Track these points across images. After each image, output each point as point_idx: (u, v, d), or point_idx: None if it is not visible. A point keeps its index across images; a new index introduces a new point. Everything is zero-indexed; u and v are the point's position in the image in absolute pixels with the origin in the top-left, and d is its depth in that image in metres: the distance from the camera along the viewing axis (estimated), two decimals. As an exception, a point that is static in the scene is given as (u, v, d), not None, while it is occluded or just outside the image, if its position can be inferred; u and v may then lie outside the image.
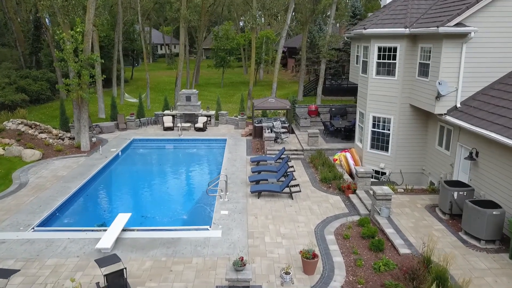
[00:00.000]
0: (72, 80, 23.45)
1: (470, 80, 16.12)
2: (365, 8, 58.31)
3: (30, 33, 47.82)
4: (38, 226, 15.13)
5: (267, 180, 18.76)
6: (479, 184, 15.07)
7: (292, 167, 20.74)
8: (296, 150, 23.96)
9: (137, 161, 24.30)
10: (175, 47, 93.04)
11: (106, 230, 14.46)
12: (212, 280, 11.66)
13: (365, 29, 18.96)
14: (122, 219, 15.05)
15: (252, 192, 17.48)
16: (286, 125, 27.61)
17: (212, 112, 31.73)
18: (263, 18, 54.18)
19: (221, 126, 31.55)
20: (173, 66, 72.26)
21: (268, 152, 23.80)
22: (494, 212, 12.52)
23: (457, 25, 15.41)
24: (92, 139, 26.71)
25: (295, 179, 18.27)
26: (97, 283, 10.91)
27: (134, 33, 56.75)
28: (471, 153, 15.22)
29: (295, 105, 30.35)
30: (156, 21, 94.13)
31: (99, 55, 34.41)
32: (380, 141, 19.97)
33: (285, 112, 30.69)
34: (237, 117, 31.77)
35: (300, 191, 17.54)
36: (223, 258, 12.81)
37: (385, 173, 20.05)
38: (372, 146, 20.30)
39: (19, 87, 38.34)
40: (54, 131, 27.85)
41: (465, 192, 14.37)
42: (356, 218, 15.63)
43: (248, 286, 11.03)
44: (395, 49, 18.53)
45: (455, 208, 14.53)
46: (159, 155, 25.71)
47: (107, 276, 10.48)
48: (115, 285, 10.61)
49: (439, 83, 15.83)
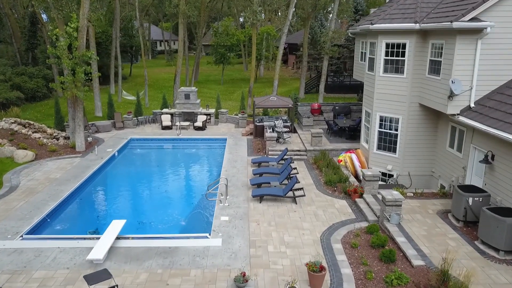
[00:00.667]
0: (66, 78, 22.54)
1: (485, 78, 15.22)
2: (367, 4, 57.33)
3: (26, 29, 46.85)
4: (27, 233, 14.26)
5: (269, 183, 17.89)
6: (495, 189, 14.20)
7: (295, 168, 19.86)
8: (298, 151, 23.08)
9: (134, 162, 23.42)
10: (174, 44, 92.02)
11: (99, 239, 13.61)
12: (212, 296, 10.83)
13: (372, 24, 18.03)
14: (116, 226, 14.19)
15: (253, 196, 16.62)
16: (288, 124, 26.72)
17: (212, 110, 30.83)
18: (264, 14, 53.16)
19: (221, 125, 30.66)
20: (172, 62, 71.34)
21: (269, 152, 22.92)
22: (514, 221, 11.67)
23: (472, 20, 14.49)
24: (88, 139, 25.84)
25: (299, 182, 17.41)
26: (87, 300, 10.08)
27: (133, 29, 55.73)
28: (486, 156, 14.35)
29: (297, 103, 29.44)
30: (155, 17, 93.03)
31: (96, 51, 33.60)
32: (387, 142, 19.09)
33: (287, 110, 29.81)
34: (237, 115, 30.87)
35: (304, 195, 16.67)
36: (224, 270, 11.96)
37: (392, 176, 19.19)
38: (379, 147, 19.42)
39: (14, 84, 37.43)
40: (49, 131, 26.96)
41: (481, 198, 13.50)
42: (364, 224, 14.77)
43: (251, 303, 10.21)
44: (404, 46, 17.62)
45: (470, 215, 13.66)
46: (156, 155, 24.83)
47: (97, 293, 9.65)
48: (106, 303, 9.77)
49: (452, 81, 14.93)
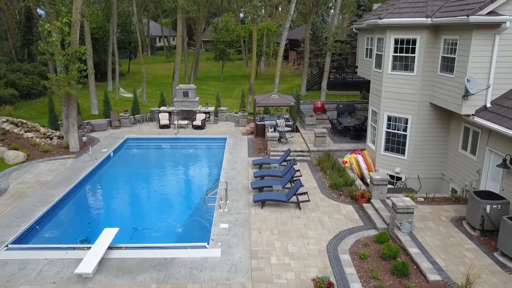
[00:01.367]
0: (58, 75, 21.56)
1: (502, 76, 14.23)
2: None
3: (22, 25, 45.77)
4: (13, 242, 13.35)
5: (271, 187, 16.95)
6: (514, 195, 13.28)
7: (299, 170, 18.93)
8: (301, 151, 22.13)
9: (130, 163, 22.46)
10: (173, 40, 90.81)
11: (89, 248, 12.69)
12: (210, 315, 9.92)
13: (380, 18, 17.04)
14: (108, 235, 13.27)
15: (255, 201, 15.68)
16: (290, 123, 25.76)
17: (211, 108, 29.85)
18: (264, 9, 52.06)
19: (220, 124, 29.69)
20: (171, 59, 70.23)
21: (271, 153, 21.97)
22: (538, 232, 10.74)
23: (490, 13, 13.50)
24: (83, 138, 24.89)
25: (303, 186, 16.49)
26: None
27: (131, 24, 54.63)
28: (504, 160, 13.39)
29: (300, 101, 28.45)
30: (154, 12, 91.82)
31: (91, 47, 32.58)
32: (395, 143, 18.13)
33: (289, 108, 28.83)
34: (237, 113, 29.90)
35: (308, 200, 15.74)
36: (223, 285, 11.04)
37: (400, 178, 18.24)
38: (387, 149, 18.47)
39: (8, 81, 36.44)
40: (42, 130, 25.99)
41: (500, 206, 12.57)
42: (373, 232, 13.84)
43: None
44: (414, 41, 16.62)
45: (488, 224, 12.73)
46: (153, 156, 23.87)
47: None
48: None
49: (467, 80, 13.96)
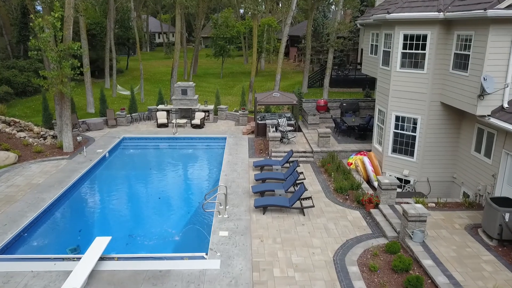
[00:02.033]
0: (51, 72, 20.65)
1: (521, 75, 13.36)
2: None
3: (18, 20, 44.80)
4: (-2, 252, 12.51)
5: (273, 191, 16.09)
6: (534, 202, 12.40)
7: (302, 173, 18.05)
8: (304, 152, 21.26)
9: (126, 164, 21.59)
10: (173, 36, 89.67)
11: (79, 259, 11.85)
12: (208, 337, 9.07)
13: (388, 13, 16.13)
14: (99, 244, 12.41)
15: (256, 207, 14.82)
16: (292, 122, 24.87)
17: (211, 106, 28.95)
18: (265, 5, 51.07)
19: (220, 122, 28.80)
20: (171, 55, 69.19)
21: (273, 154, 21.10)
22: None
23: (509, 7, 12.60)
24: (78, 138, 23.98)
25: (307, 190, 15.62)
26: None
27: (129, 20, 53.65)
28: (523, 164, 12.53)
29: (302, 99, 27.55)
30: (154, 8, 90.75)
31: (87, 44, 31.65)
32: (403, 145, 17.25)
33: (291, 107, 27.93)
34: (237, 112, 29.02)
35: (313, 206, 14.86)
36: (222, 302, 10.21)
37: (409, 182, 17.38)
38: (394, 150, 17.59)
39: (3, 78, 35.55)
40: (36, 129, 25.13)
41: (519, 214, 11.71)
42: (382, 241, 13.00)
43: None
44: (424, 37, 15.72)
45: (507, 233, 11.88)
46: (150, 157, 22.98)
47: None
48: None
49: (484, 78, 13.07)
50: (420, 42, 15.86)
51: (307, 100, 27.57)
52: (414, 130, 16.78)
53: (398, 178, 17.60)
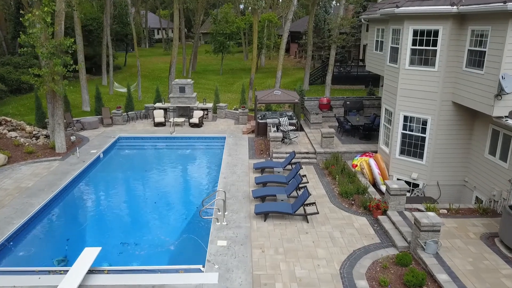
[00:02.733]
0: (42, 70, 19.72)
1: (541, 73, 12.45)
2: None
3: (13, 16, 43.82)
4: (-21, 264, 11.66)
5: (275, 195, 15.20)
6: (556, 210, 11.52)
7: (305, 176, 17.16)
8: (307, 153, 20.36)
9: (120, 166, 20.69)
10: (172, 32, 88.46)
11: (66, 272, 10.99)
12: None
13: (397, 7, 15.19)
14: (88, 255, 11.54)
15: (256, 213, 13.95)
16: (294, 121, 23.96)
17: (210, 104, 28.04)
18: (265, 0, 50.06)
19: (219, 121, 27.88)
20: (169, 51, 68.13)
21: (274, 155, 20.21)
22: None
23: (530, 0, 11.68)
24: (71, 138, 23.09)
25: (310, 195, 14.74)
26: None
27: (127, 16, 52.61)
28: (545, 170, 11.65)
29: (304, 97, 26.62)
30: (153, 4, 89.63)
31: (82, 40, 30.69)
32: (412, 146, 16.36)
33: (292, 105, 27.00)
34: (237, 110, 28.11)
35: (317, 212, 13.98)
36: (220, 322, 9.35)
37: (417, 185, 16.50)
38: (402, 152, 16.69)
39: (-4, 75, 34.67)
40: (28, 128, 24.24)
41: (542, 224, 10.85)
42: (392, 252, 12.13)
43: None
44: (436, 33, 14.79)
45: (527, 245, 11.02)
46: (146, 158, 22.05)
47: None
48: None
49: (502, 77, 12.17)
50: (431, 38, 14.93)
51: (309, 98, 26.64)
52: (423, 131, 15.88)
53: (406, 182, 16.72)
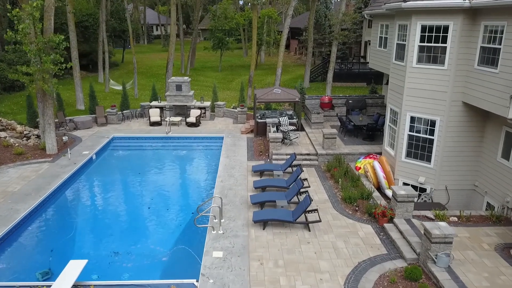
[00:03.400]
0: (30, 67, 18.84)
1: (562, 72, 11.58)
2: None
3: (8, 11, 42.79)
4: (-44, 279, 10.83)
5: (274, 201, 14.35)
6: None
7: (306, 180, 16.30)
8: (308, 154, 19.51)
9: (113, 168, 19.84)
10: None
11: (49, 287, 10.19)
12: None
13: (405, 1, 14.29)
14: (73, 269, 10.71)
15: (255, 221, 13.10)
16: (295, 120, 23.09)
17: (207, 103, 27.15)
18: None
19: (217, 120, 27.00)
20: (168, 48, 67.22)
21: (274, 156, 19.35)
22: None
23: (551, -7, 10.80)
24: (63, 138, 22.25)
25: (312, 200, 13.89)
26: None
27: (125, 12, 51.62)
28: None
29: (305, 95, 25.75)
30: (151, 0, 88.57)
31: (75, 36, 29.75)
32: (419, 149, 15.50)
33: (293, 103, 26.11)
34: (236, 108, 27.24)
35: (320, 220, 13.12)
36: None
37: (425, 190, 15.65)
38: (409, 155, 15.83)
39: (-10, 72, 33.75)
40: (19, 128, 23.34)
41: None
42: (400, 264, 11.29)
43: None
44: (446, 29, 13.89)
45: (547, 258, 10.19)
46: (140, 159, 21.12)
47: None
48: None
49: (519, 76, 11.29)
50: (441, 34, 14.02)
51: (310, 96, 25.74)
52: (431, 133, 15.01)
53: (412, 186, 15.88)
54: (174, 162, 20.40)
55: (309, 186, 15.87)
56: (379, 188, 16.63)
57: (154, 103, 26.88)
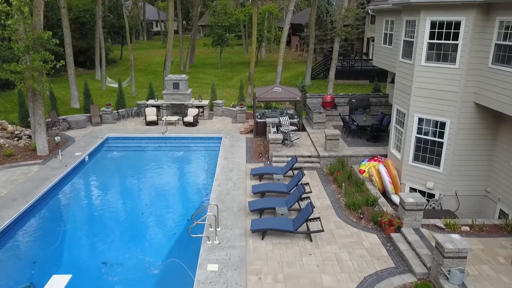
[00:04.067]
0: (18, 65, 17.98)
1: None
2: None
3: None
4: None
5: (274, 208, 13.52)
6: None
7: (308, 184, 15.45)
8: (309, 157, 18.66)
9: (106, 171, 19.01)
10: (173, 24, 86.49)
11: (29, 306, 9.40)
12: None
13: (413, -5, 13.41)
14: (56, 285, 9.92)
15: (253, 231, 12.28)
16: (296, 120, 22.23)
17: (205, 102, 26.29)
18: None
19: (216, 119, 26.14)
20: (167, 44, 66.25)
21: (274, 159, 18.52)
22: None
23: None
24: (56, 139, 21.42)
25: (314, 208, 13.08)
26: None
27: (122, 7, 50.65)
28: None
29: (306, 94, 24.87)
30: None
31: (69, 32, 28.87)
32: (428, 152, 14.63)
33: (294, 102, 25.23)
34: (235, 107, 26.39)
35: (322, 230, 12.30)
36: None
37: (433, 196, 14.80)
38: (416, 158, 14.97)
39: (-18, 70, 32.83)
40: (10, 128, 22.52)
41: None
42: (409, 279, 10.47)
43: None
44: (457, 25, 13.01)
45: None
46: (135, 161, 20.22)
47: None
48: None
49: (540, 76, 10.43)
50: (452, 31, 13.13)
51: (312, 95, 24.87)
52: (441, 135, 14.14)
53: (420, 191, 15.04)
54: (170, 164, 19.57)
55: (310, 192, 15.04)
56: (385, 193, 15.78)
57: (151, 101, 26.04)
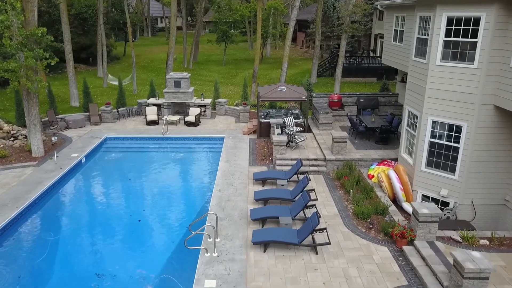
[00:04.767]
0: (11, 63, 17.22)
1: None
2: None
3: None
4: None
5: (277, 217, 12.67)
6: None
7: (313, 191, 14.56)
8: (315, 160, 17.78)
9: (103, 173, 18.24)
10: (176, 20, 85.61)
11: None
12: None
13: (428, -10, 12.46)
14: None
15: (254, 243, 11.44)
16: (301, 121, 21.34)
17: (208, 100, 25.45)
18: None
19: (218, 119, 25.29)
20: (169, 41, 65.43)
21: (278, 161, 17.65)
22: None
23: None
24: (52, 139, 20.69)
25: (320, 216, 12.23)
26: None
27: (125, 3, 49.83)
28: None
29: (312, 93, 23.95)
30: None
31: (69, 28, 28.10)
32: (442, 157, 13.70)
33: (299, 101, 24.31)
34: (238, 106, 25.53)
35: (329, 243, 11.44)
36: None
37: (447, 204, 13.87)
38: (430, 164, 14.04)
39: (-19, 67, 32.17)
40: (6, 127, 21.83)
41: None
42: (424, 300, 9.60)
43: None
44: (476, 21, 12.05)
45: None
46: (133, 163, 19.37)
47: None
48: None
49: None
50: (470, 28, 12.18)
51: (318, 94, 23.94)
52: (457, 140, 13.20)
53: (433, 199, 14.12)
54: (170, 167, 18.77)
55: (316, 199, 14.17)
56: (395, 200, 14.88)
57: (152, 100, 25.24)
